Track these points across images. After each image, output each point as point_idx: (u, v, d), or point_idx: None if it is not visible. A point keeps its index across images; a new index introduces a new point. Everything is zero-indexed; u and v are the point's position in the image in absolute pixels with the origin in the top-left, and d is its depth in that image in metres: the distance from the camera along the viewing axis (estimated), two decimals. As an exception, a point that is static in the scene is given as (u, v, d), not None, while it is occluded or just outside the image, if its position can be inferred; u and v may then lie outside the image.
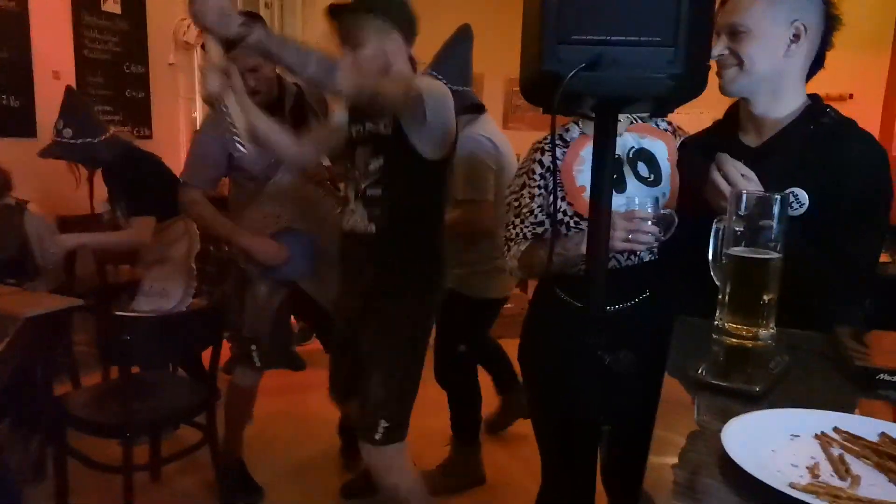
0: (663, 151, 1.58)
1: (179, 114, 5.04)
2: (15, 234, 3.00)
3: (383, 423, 1.78)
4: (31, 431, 2.66)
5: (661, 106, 1.13)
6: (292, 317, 2.96)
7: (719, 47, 1.33)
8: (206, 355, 2.38)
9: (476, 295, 2.51)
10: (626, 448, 1.67)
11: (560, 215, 1.49)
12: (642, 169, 1.56)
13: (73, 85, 4.14)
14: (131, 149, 2.87)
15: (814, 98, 1.38)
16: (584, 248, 1.23)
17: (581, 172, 1.55)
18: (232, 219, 2.43)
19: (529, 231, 1.54)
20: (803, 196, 1.30)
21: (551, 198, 1.49)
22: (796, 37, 1.30)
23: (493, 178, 2.41)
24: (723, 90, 1.38)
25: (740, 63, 1.32)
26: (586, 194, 1.59)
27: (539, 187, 1.53)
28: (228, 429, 2.47)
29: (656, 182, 1.55)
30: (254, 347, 2.41)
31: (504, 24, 3.54)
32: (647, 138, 1.59)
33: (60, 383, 2.83)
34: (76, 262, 3.50)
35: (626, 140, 1.56)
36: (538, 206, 1.54)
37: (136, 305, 2.75)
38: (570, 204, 1.52)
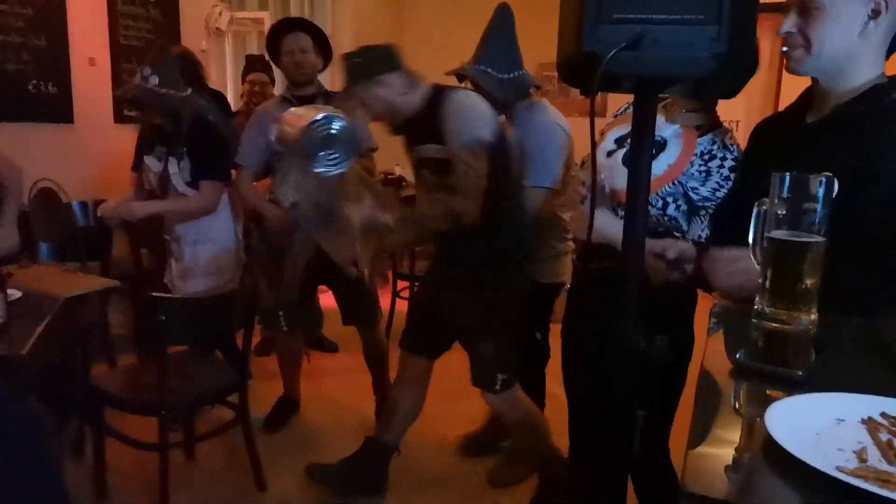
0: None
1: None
2: (56, 218, 3.07)
3: (500, 377, 2.14)
4: (69, 410, 2.73)
5: (703, 88, 1.11)
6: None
7: (788, 24, 1.25)
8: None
9: (542, 279, 2.49)
10: (655, 433, 1.67)
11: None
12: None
13: (108, 72, 4.22)
14: (205, 112, 2.89)
15: (891, 79, 1.27)
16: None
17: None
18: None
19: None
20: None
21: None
22: (875, 13, 1.20)
23: (562, 166, 2.40)
24: (789, 69, 1.30)
25: (808, 45, 1.23)
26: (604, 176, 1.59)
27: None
28: (284, 378, 3.02)
29: None
30: (281, 313, 2.76)
31: (533, 6, 3.51)
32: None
33: (97, 364, 2.90)
34: (112, 245, 3.57)
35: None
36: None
37: (189, 286, 2.80)
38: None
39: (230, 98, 5.26)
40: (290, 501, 2.44)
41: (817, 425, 0.71)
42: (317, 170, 2.09)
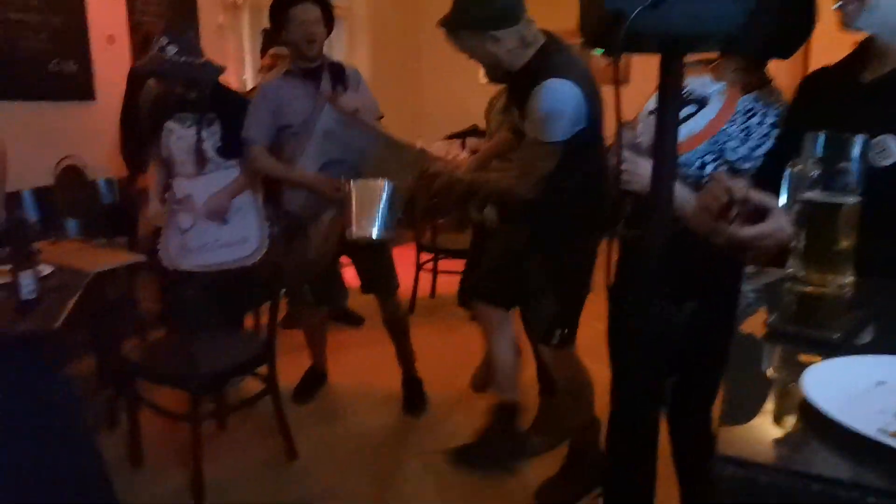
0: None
1: (229, 73, 5.08)
2: (82, 195, 3.09)
3: (558, 332, 2.15)
4: (103, 381, 2.80)
5: (733, 45, 1.08)
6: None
7: None
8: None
9: None
10: (691, 399, 1.66)
11: None
12: None
13: (127, 48, 4.22)
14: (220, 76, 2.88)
15: None
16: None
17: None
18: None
19: None
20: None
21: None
22: None
23: None
24: (843, 26, 1.22)
25: None
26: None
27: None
28: (312, 350, 3.07)
29: None
30: (307, 287, 2.80)
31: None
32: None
33: (128, 337, 2.95)
34: (138, 222, 3.61)
35: None
36: None
37: (215, 258, 2.79)
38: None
39: (248, 72, 5.25)
40: (321, 470, 2.48)
41: (856, 388, 0.69)
42: None
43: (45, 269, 2.19)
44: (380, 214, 2.45)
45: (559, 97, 1.91)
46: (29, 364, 1.06)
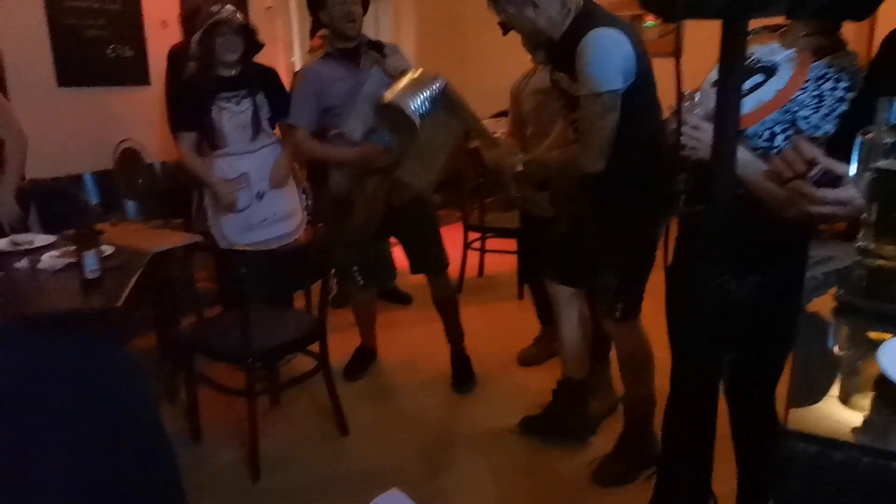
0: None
1: (278, 56, 5.13)
2: (140, 177, 3.17)
3: (621, 305, 2.14)
4: (163, 358, 2.89)
5: (802, 7, 1.02)
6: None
7: None
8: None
9: None
10: (751, 376, 1.62)
11: None
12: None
13: (180, 33, 4.30)
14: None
15: None
16: None
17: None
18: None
19: None
20: None
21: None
22: None
23: None
24: None
25: None
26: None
27: None
28: (361, 329, 3.10)
29: None
30: (356, 268, 2.83)
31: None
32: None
33: (185, 315, 3.04)
34: (192, 203, 3.70)
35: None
36: None
37: (269, 233, 2.87)
38: None
39: (297, 54, 5.30)
40: (371, 446, 2.52)
41: (935, 363, 0.66)
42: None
43: (107, 250, 2.27)
44: (423, 96, 2.36)
45: (607, 43, 1.87)
46: (95, 339, 1.09)
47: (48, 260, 2.22)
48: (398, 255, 3.07)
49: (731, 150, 1.12)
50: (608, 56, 1.87)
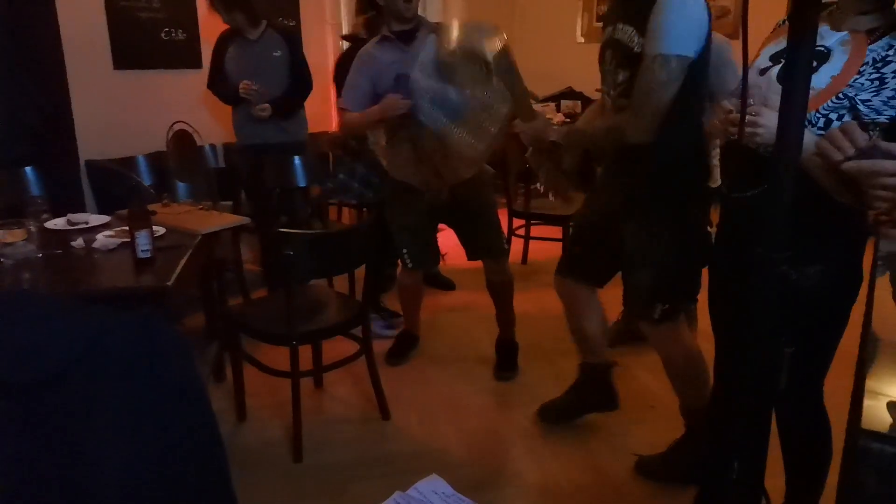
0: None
1: (327, 39, 5.16)
2: (191, 159, 3.23)
3: (660, 307, 1.99)
4: (210, 337, 2.95)
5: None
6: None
7: None
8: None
9: None
10: (802, 371, 1.55)
11: None
12: None
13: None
14: None
15: None
16: None
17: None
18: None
19: None
20: None
21: None
22: None
23: None
24: None
25: None
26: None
27: None
28: (405, 314, 3.13)
29: None
30: (405, 251, 2.83)
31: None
32: None
33: (232, 295, 3.09)
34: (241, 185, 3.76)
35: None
36: None
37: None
38: None
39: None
40: (413, 430, 2.53)
41: None
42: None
43: (159, 230, 2.31)
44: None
45: (689, 3, 1.72)
46: (147, 317, 1.10)
47: (102, 239, 2.27)
48: (441, 240, 3.05)
49: (797, 134, 1.06)
50: (689, 18, 1.73)
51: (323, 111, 4.85)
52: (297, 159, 3.61)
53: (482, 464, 2.33)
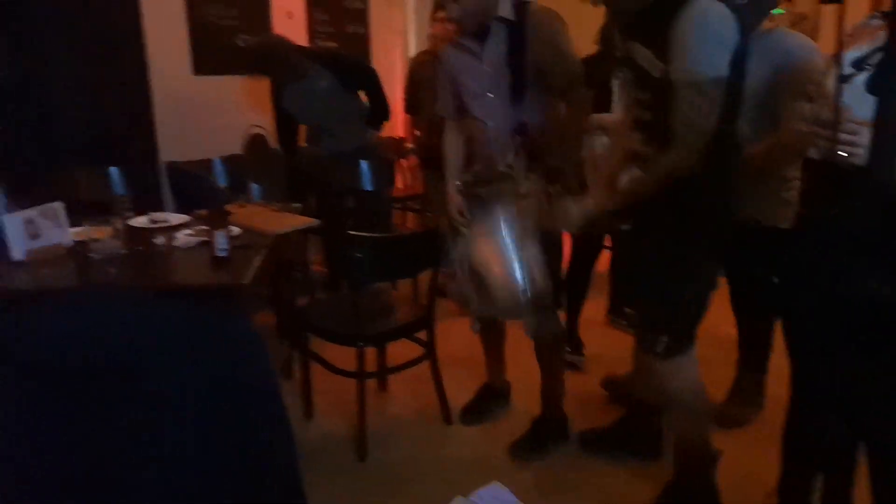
0: None
1: (395, 46, 5.23)
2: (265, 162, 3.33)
3: (663, 339, 1.81)
4: (280, 336, 3.03)
5: None
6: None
7: None
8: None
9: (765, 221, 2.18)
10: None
11: None
12: None
13: (304, 24, 4.47)
14: None
15: None
16: None
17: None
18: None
19: None
20: None
21: None
22: None
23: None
24: None
25: None
26: None
27: None
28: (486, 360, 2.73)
29: None
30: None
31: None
32: None
33: (301, 295, 3.17)
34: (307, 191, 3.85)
35: None
36: None
37: None
38: None
39: (412, 43, 5.37)
40: (475, 438, 2.53)
41: None
42: None
43: (235, 230, 2.39)
44: None
45: (714, 16, 1.58)
46: (224, 313, 1.14)
47: (183, 238, 2.37)
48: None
49: (893, 150, 1.03)
50: (717, 33, 1.59)
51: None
52: (364, 163, 3.68)
53: (543, 473, 2.31)
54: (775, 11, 2.20)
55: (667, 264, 1.78)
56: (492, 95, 2.22)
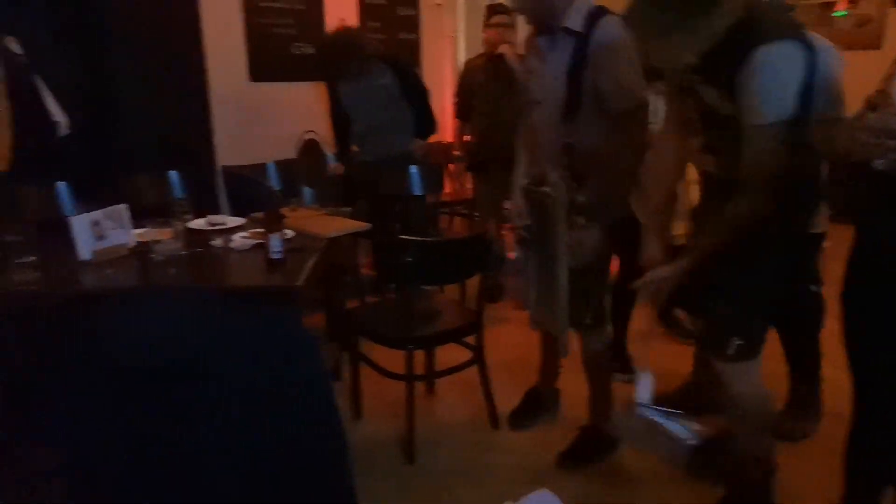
0: None
1: (445, 51, 5.26)
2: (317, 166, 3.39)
3: (736, 341, 1.80)
4: (330, 337, 3.08)
5: None
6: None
7: None
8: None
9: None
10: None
11: None
12: None
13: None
14: None
15: None
16: None
17: None
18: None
19: None
20: None
21: None
22: None
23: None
24: None
25: None
26: None
27: None
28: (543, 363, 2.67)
29: None
30: None
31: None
32: None
33: (351, 298, 3.20)
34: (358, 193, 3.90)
35: None
36: None
37: None
38: None
39: (462, 49, 5.39)
40: (523, 444, 2.52)
41: None
42: None
43: (289, 233, 2.45)
44: None
45: (784, 60, 1.56)
46: (279, 314, 1.18)
47: (239, 240, 2.44)
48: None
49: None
50: (786, 76, 1.58)
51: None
52: (413, 168, 3.71)
53: (591, 481, 2.28)
54: (839, 14, 2.13)
55: (749, 265, 1.77)
56: (546, 105, 2.13)
